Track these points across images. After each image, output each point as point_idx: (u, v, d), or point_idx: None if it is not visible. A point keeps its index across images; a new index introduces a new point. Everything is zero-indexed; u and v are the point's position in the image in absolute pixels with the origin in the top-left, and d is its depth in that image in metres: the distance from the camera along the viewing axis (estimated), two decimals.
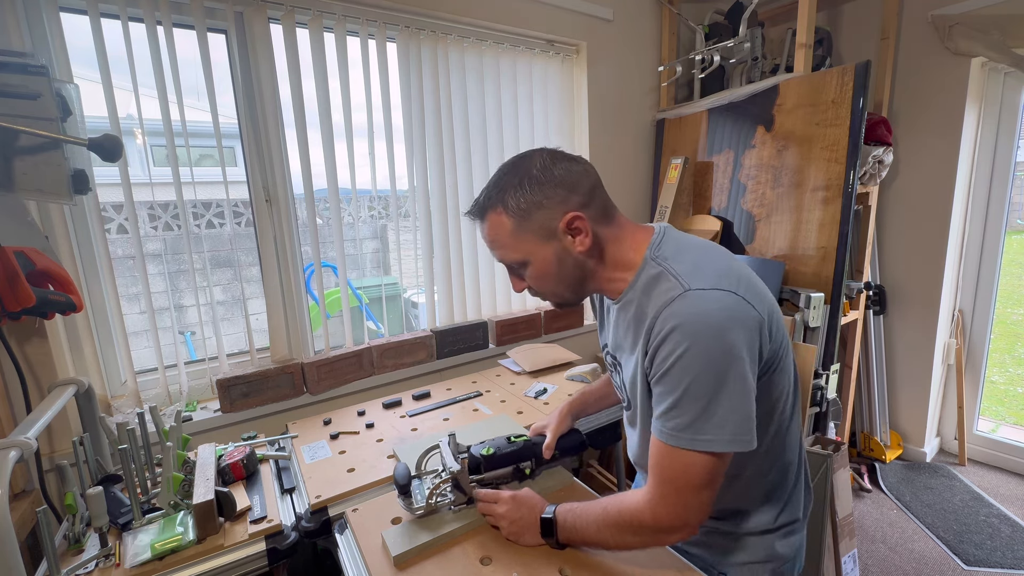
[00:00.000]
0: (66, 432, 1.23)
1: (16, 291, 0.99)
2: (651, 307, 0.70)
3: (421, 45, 1.67)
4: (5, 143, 1.00)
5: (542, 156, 0.75)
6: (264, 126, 1.46)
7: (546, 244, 0.74)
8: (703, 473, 0.67)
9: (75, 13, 1.23)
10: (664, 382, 0.68)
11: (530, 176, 0.73)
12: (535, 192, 0.73)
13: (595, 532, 0.77)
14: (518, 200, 0.73)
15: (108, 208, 3.17)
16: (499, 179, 0.76)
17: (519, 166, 0.75)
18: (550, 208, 0.73)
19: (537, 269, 0.77)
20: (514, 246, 0.76)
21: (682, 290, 0.67)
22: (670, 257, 0.74)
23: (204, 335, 1.52)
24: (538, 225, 0.74)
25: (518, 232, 0.74)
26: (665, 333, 0.66)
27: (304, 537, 0.99)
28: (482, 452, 0.96)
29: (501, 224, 0.75)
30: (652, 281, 0.73)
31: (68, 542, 0.93)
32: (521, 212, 0.73)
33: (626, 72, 2.18)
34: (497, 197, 0.75)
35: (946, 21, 2.00)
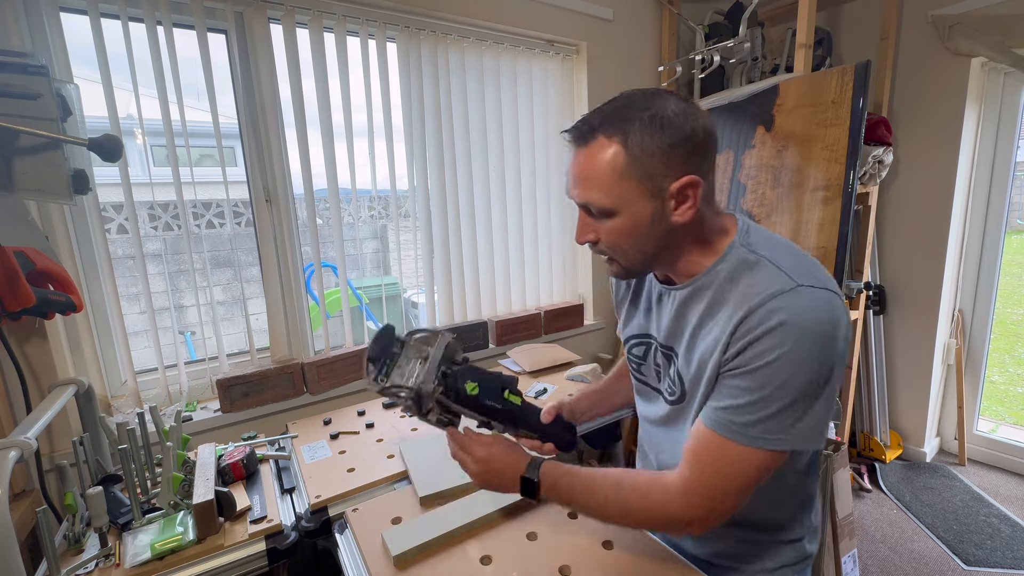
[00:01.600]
0: (66, 432, 1.23)
1: (16, 291, 0.99)
2: (744, 296, 0.63)
3: (421, 45, 1.67)
4: (5, 143, 1.00)
5: (679, 100, 0.64)
6: (264, 126, 1.46)
7: (647, 200, 0.64)
8: (759, 471, 0.62)
9: (75, 13, 1.23)
10: (751, 377, 0.61)
11: (664, 117, 0.61)
12: (665, 136, 0.61)
13: (599, 505, 0.71)
14: (643, 138, 0.61)
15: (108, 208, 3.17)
16: (625, 105, 0.64)
17: (652, 100, 0.63)
18: (672, 162, 0.62)
19: (624, 224, 0.66)
20: (611, 188, 0.64)
21: (794, 285, 0.61)
22: (764, 248, 0.67)
23: (204, 335, 1.52)
24: (650, 175, 0.63)
25: (624, 174, 0.63)
26: (769, 327, 0.59)
27: (304, 537, 0.99)
28: (467, 386, 0.80)
29: (609, 157, 0.63)
30: (744, 269, 0.66)
31: (68, 542, 0.93)
32: (640, 153, 0.62)
33: (626, 72, 2.18)
34: (618, 125, 0.63)
35: (946, 21, 2.00)
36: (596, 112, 0.66)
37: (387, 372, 0.79)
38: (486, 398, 0.81)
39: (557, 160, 2.09)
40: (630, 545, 0.83)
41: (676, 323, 0.74)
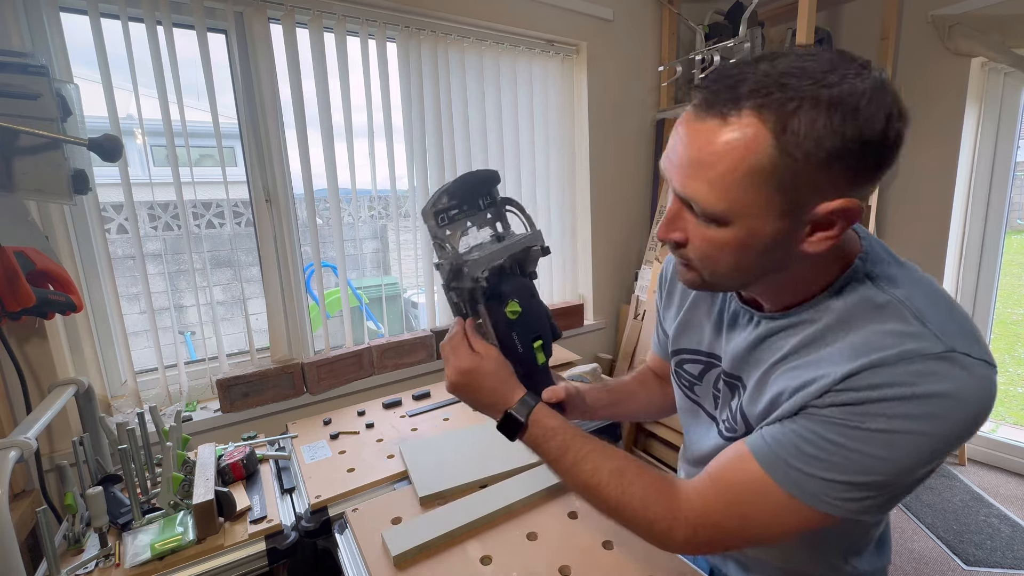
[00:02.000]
0: (66, 432, 1.23)
1: (16, 291, 0.99)
2: (866, 345, 0.48)
3: (421, 45, 1.67)
4: (5, 143, 1.00)
5: (877, 76, 0.44)
6: (264, 126, 1.46)
7: (776, 218, 0.46)
8: (798, 529, 0.52)
9: (75, 13, 1.23)
10: (846, 434, 0.47)
11: (850, 103, 0.42)
12: (841, 134, 0.42)
13: (586, 485, 0.60)
14: (809, 130, 0.42)
15: (108, 208, 3.17)
16: (795, 70, 0.43)
17: (839, 69, 0.43)
18: (834, 174, 0.44)
19: (732, 238, 0.49)
20: (733, 192, 0.46)
21: (943, 349, 0.45)
22: (895, 283, 0.51)
23: (204, 335, 1.52)
24: (796, 187, 0.44)
25: (761, 178, 0.44)
26: (902, 394, 0.45)
27: (304, 537, 0.99)
28: (509, 304, 0.66)
29: (747, 148, 0.44)
30: (867, 309, 0.50)
31: (68, 542, 0.93)
32: (795, 152, 0.43)
33: (626, 72, 2.18)
34: (777, 100, 0.43)
35: (946, 21, 2.00)
36: (748, 66, 0.46)
37: (452, 220, 0.67)
38: (515, 330, 0.68)
39: (557, 159, 2.09)
40: (631, 545, 0.82)
41: (753, 353, 0.60)
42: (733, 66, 0.47)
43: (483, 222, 0.70)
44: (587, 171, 2.14)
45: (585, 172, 2.15)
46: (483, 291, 0.66)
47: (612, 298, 2.33)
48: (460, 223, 0.68)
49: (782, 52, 0.47)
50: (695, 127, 0.47)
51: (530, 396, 0.66)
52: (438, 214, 0.66)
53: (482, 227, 0.71)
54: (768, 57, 0.46)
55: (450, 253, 0.65)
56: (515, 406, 0.65)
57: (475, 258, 0.65)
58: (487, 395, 0.66)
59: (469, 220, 0.68)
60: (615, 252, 2.30)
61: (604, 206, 2.21)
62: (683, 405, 0.75)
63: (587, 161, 2.13)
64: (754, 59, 0.47)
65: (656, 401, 0.88)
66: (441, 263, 0.67)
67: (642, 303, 2.20)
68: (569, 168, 2.14)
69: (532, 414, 0.64)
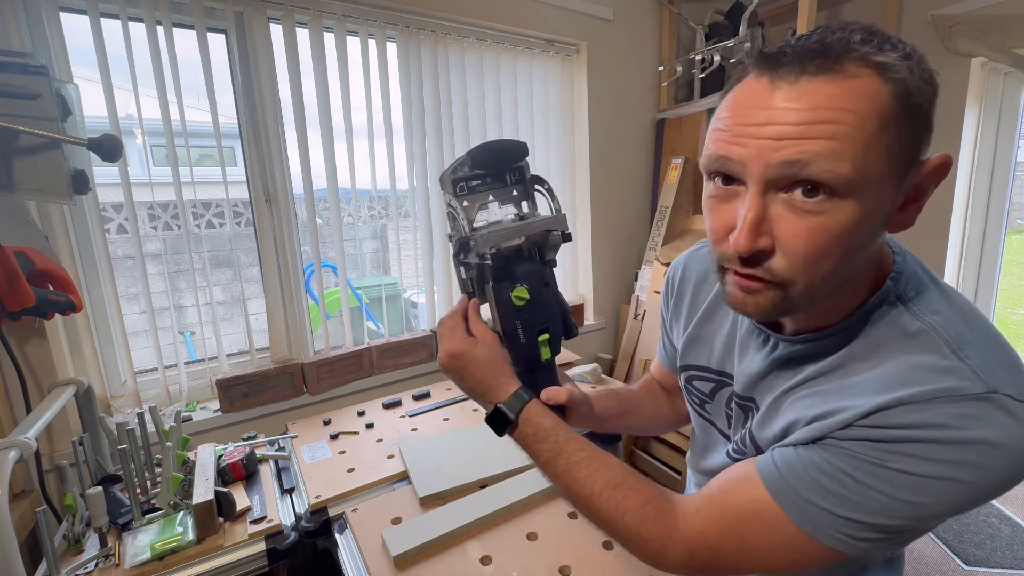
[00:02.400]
0: (66, 432, 1.23)
1: (16, 291, 0.99)
2: (896, 378, 0.43)
3: (421, 45, 1.67)
4: (5, 143, 1.00)
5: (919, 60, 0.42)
6: (264, 126, 1.46)
7: (894, 185, 0.42)
8: (806, 564, 0.48)
9: (75, 13, 1.23)
10: (873, 474, 0.42)
11: (925, 62, 0.41)
12: (933, 88, 0.41)
13: (578, 494, 0.56)
14: (918, 83, 0.40)
15: (108, 208, 3.17)
16: (862, 29, 0.41)
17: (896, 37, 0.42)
18: (927, 130, 0.42)
19: (852, 219, 0.41)
20: (863, 147, 0.39)
21: (982, 389, 0.40)
22: (931, 308, 0.46)
23: (204, 335, 1.52)
24: (912, 139, 0.41)
25: (887, 128, 0.39)
26: (925, 437, 0.40)
27: (304, 537, 0.99)
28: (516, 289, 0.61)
29: (873, 96, 0.39)
30: (897, 338, 0.45)
31: (68, 542, 0.93)
32: (914, 102, 0.40)
33: (626, 72, 2.18)
34: (887, 52, 0.40)
35: (946, 21, 2.00)
36: (828, 29, 0.42)
37: (473, 191, 0.62)
38: (519, 318, 0.62)
39: (557, 159, 2.09)
40: None
41: (768, 377, 0.55)
42: (808, 34, 0.43)
43: (507, 198, 0.64)
44: (587, 171, 2.14)
45: (585, 172, 2.15)
46: (490, 270, 0.60)
47: (612, 298, 2.33)
48: (481, 195, 0.62)
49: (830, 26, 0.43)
50: (791, 88, 0.41)
51: (525, 391, 0.61)
52: (457, 182, 0.61)
53: (505, 204, 0.64)
54: (827, 28, 0.43)
55: (459, 227, 0.60)
56: (506, 400, 0.60)
57: (485, 233, 0.59)
58: (476, 384, 0.62)
59: (492, 193, 0.63)
60: (615, 252, 2.30)
61: (604, 206, 2.21)
62: (695, 420, 0.70)
63: (587, 161, 2.13)
64: (826, 27, 0.43)
65: (664, 414, 0.82)
66: (451, 235, 0.63)
67: (642, 303, 2.20)
68: (569, 168, 2.14)
69: (524, 411, 0.59)
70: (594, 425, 0.75)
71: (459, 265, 0.65)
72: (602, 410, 0.75)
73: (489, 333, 0.63)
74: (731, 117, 0.44)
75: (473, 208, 0.62)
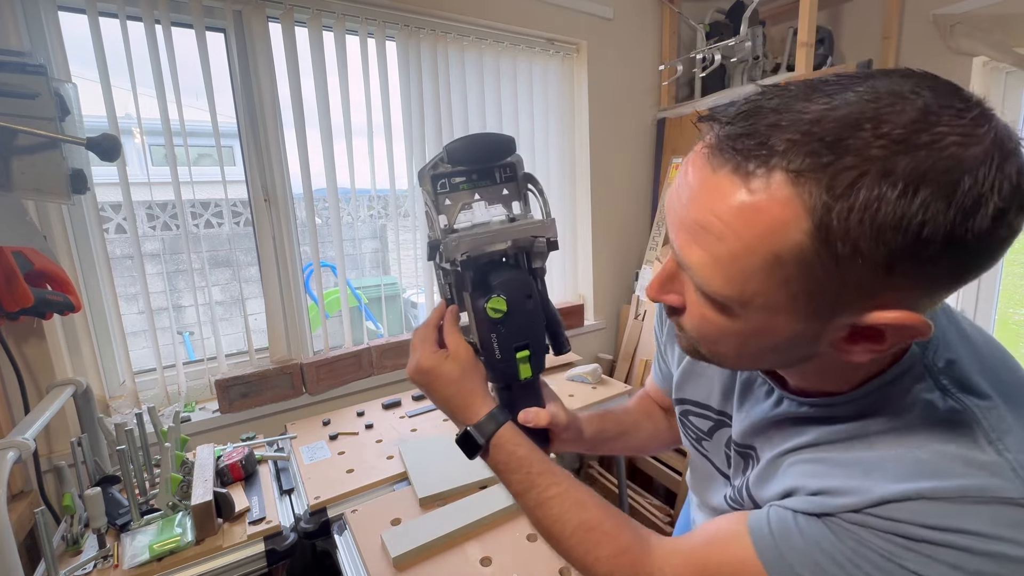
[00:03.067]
0: (64, 433, 1.23)
1: (14, 291, 0.99)
2: (916, 466, 0.37)
3: (420, 44, 1.67)
4: (3, 142, 1.00)
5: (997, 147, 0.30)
6: (263, 125, 1.45)
7: (798, 320, 0.36)
8: None
9: (73, 12, 1.22)
10: (870, 562, 0.37)
11: (946, 189, 0.29)
12: (918, 230, 0.30)
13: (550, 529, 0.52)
14: (864, 214, 0.30)
15: (106, 208, 3.17)
16: (851, 121, 0.30)
17: (927, 135, 0.29)
18: (901, 280, 0.32)
19: (740, 330, 0.39)
20: (746, 277, 0.35)
21: (1023, 493, 0.34)
22: (968, 381, 0.39)
23: (203, 335, 1.52)
24: (836, 288, 0.33)
25: (789, 269, 0.33)
26: (944, 541, 0.34)
27: (303, 538, 0.98)
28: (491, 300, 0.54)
29: (775, 228, 0.32)
30: (923, 417, 0.39)
31: (66, 543, 0.93)
32: (841, 245, 0.31)
33: (626, 71, 2.18)
34: (820, 166, 0.30)
35: (948, 20, 2.00)
36: (793, 99, 0.33)
37: (455, 188, 0.56)
38: (495, 332, 0.56)
39: (557, 158, 2.09)
40: None
41: (770, 431, 0.49)
42: (774, 93, 0.34)
43: (497, 198, 0.58)
44: (587, 170, 2.13)
45: (585, 171, 2.14)
46: (467, 278, 0.55)
47: (612, 298, 2.33)
48: (464, 193, 0.56)
49: (860, 77, 0.32)
50: (706, 176, 0.35)
51: (499, 413, 0.56)
52: (437, 179, 0.55)
53: (494, 204, 0.59)
54: (832, 85, 0.32)
55: (434, 229, 0.54)
56: (476, 423, 0.55)
57: (457, 237, 0.53)
58: (445, 403, 0.58)
59: (478, 192, 0.57)
60: (615, 252, 2.29)
61: (604, 206, 2.20)
62: (692, 452, 0.65)
63: (587, 160, 2.12)
64: (810, 85, 0.33)
65: (663, 436, 0.77)
66: (428, 239, 0.57)
67: (642, 303, 2.19)
68: (569, 167, 2.14)
69: (495, 437, 0.54)
70: (586, 448, 0.71)
71: (437, 269, 0.61)
72: (595, 433, 0.70)
73: (463, 346, 0.58)
74: (679, 172, 0.39)
75: (455, 208, 0.56)
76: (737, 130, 0.34)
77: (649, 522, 1.82)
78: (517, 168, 0.59)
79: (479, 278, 0.56)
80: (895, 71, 0.33)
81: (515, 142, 0.57)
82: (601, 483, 2.04)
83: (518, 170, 0.59)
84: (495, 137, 0.56)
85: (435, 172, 0.55)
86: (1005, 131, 0.31)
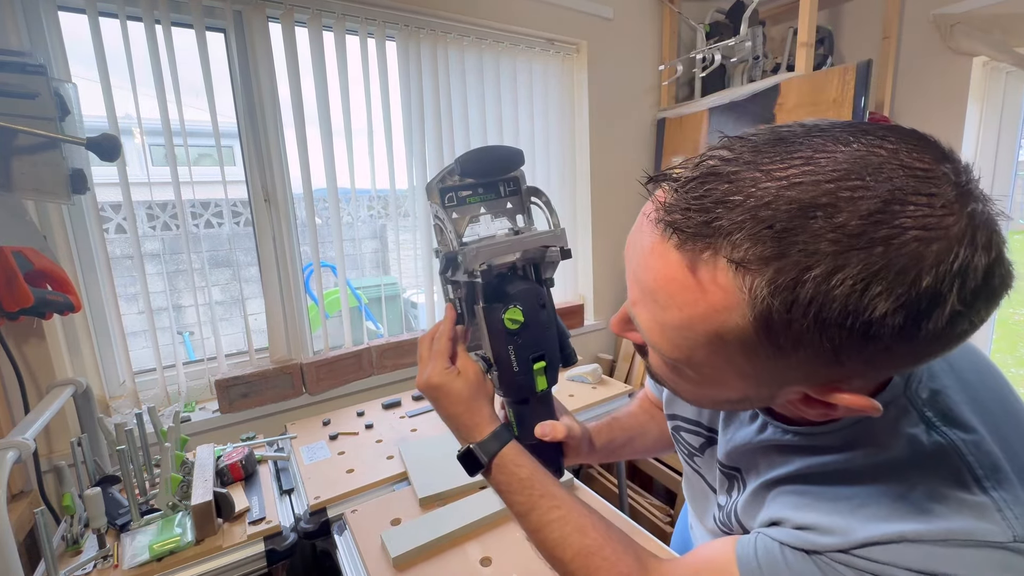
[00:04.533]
0: (64, 433, 1.23)
1: (14, 291, 0.99)
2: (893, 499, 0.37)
3: (420, 44, 1.67)
4: (3, 142, 1.00)
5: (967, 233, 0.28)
6: (263, 125, 1.45)
7: (748, 385, 0.37)
8: None
9: (73, 12, 1.22)
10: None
11: (904, 284, 0.27)
12: (866, 327, 0.28)
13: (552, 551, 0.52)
14: (810, 313, 0.29)
15: (106, 208, 3.17)
16: (805, 207, 0.28)
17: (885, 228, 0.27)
18: (852, 369, 0.32)
19: (696, 381, 0.40)
20: (691, 347, 0.36)
21: (1009, 537, 0.33)
22: (953, 413, 0.38)
23: (203, 335, 1.52)
24: (781, 372, 0.34)
25: (731, 351, 0.34)
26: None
27: (303, 538, 0.98)
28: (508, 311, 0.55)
29: (710, 307, 0.33)
30: (906, 454, 0.38)
31: (66, 543, 0.93)
32: (782, 337, 0.31)
33: (626, 71, 2.18)
34: (763, 259, 0.29)
35: (948, 20, 2.00)
36: (738, 174, 0.31)
37: (462, 202, 0.57)
38: (512, 343, 0.55)
39: (557, 158, 2.09)
40: None
41: (755, 457, 0.49)
42: (735, 153, 0.32)
43: (501, 211, 0.59)
44: (587, 170, 2.13)
45: (585, 171, 2.14)
46: (481, 288, 0.55)
47: (612, 298, 2.33)
48: (472, 207, 0.57)
49: (821, 137, 0.30)
50: (655, 242, 0.34)
51: (503, 433, 0.56)
52: (445, 192, 0.56)
53: (498, 217, 0.60)
54: (793, 147, 0.30)
55: (447, 242, 0.55)
56: (481, 441, 0.55)
57: (475, 247, 0.53)
58: (451, 420, 0.58)
59: (483, 205, 0.58)
60: (615, 252, 2.29)
61: (604, 206, 2.20)
62: (685, 470, 0.66)
63: (587, 160, 2.12)
64: (770, 141, 0.31)
65: (668, 436, 0.76)
66: (439, 249, 0.58)
67: None
68: (569, 167, 2.14)
69: (498, 457, 0.55)
70: (597, 459, 0.71)
71: (446, 284, 0.60)
72: (605, 443, 0.70)
73: (471, 365, 0.58)
74: (636, 222, 0.39)
75: (463, 221, 0.57)
76: (686, 202, 0.32)
77: (649, 522, 1.83)
78: (520, 182, 0.60)
79: (492, 290, 0.56)
80: (877, 129, 0.31)
81: (523, 155, 0.58)
82: (601, 483, 2.04)
83: (521, 183, 0.60)
84: (506, 150, 0.57)
85: (443, 186, 0.56)
86: (981, 219, 0.28)
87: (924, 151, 0.29)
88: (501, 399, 0.62)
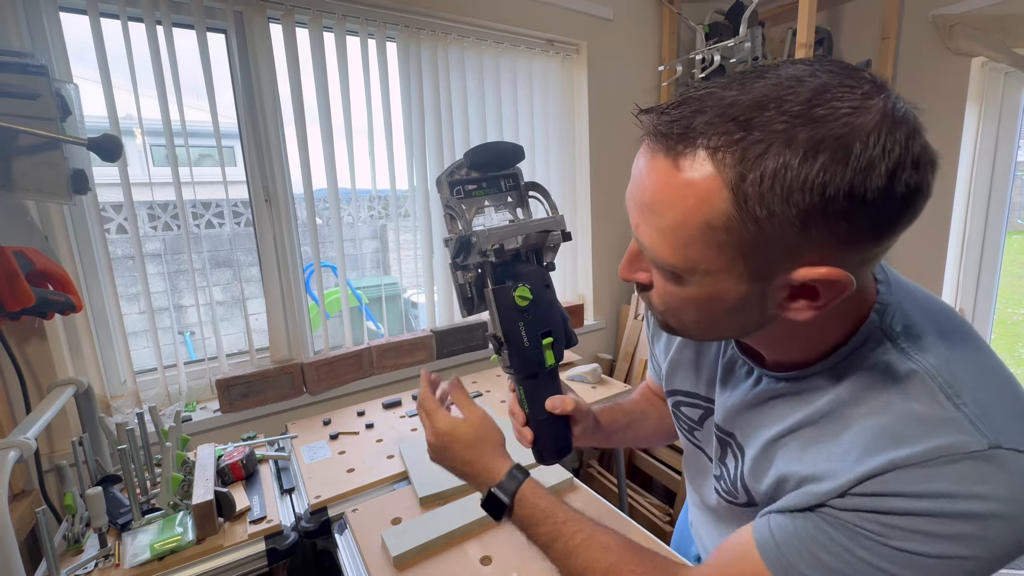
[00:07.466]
0: (65, 432, 1.23)
1: (15, 291, 0.99)
2: (883, 433, 0.40)
3: (421, 44, 1.67)
4: (4, 143, 1.00)
5: (885, 106, 0.34)
6: (264, 126, 1.45)
7: (739, 281, 0.40)
8: None
9: (75, 13, 1.22)
10: (874, 551, 0.39)
11: (840, 154, 0.33)
12: (821, 185, 0.33)
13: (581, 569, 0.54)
14: (776, 181, 0.34)
15: (107, 208, 3.17)
16: (768, 97, 0.35)
17: (825, 96, 0.34)
18: (818, 238, 0.36)
19: (695, 297, 0.43)
20: (687, 248, 0.39)
21: (984, 445, 0.37)
22: (923, 341, 0.42)
23: (203, 335, 1.52)
24: (763, 250, 0.37)
25: (718, 237, 0.38)
26: (923, 510, 0.37)
27: (303, 537, 0.99)
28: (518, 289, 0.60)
29: (700, 199, 0.37)
30: (884, 382, 0.42)
31: (67, 542, 0.93)
32: (759, 209, 0.35)
33: (626, 71, 2.18)
34: (739, 138, 0.35)
35: (946, 21, 2.00)
36: (716, 88, 0.38)
37: (469, 195, 0.62)
38: (523, 320, 0.60)
39: (557, 159, 2.09)
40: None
41: (752, 415, 0.52)
42: (704, 85, 0.39)
43: (502, 204, 0.65)
44: (587, 170, 2.14)
45: (585, 171, 2.15)
46: (491, 268, 0.60)
47: (612, 298, 2.33)
48: (477, 199, 0.63)
49: (770, 67, 0.37)
50: (647, 162, 0.41)
51: (518, 470, 0.59)
52: (453, 185, 0.62)
53: (500, 209, 0.66)
54: (748, 76, 0.37)
55: (463, 224, 0.60)
56: (500, 482, 0.58)
57: (487, 230, 0.59)
58: (465, 468, 0.60)
59: (488, 198, 0.64)
60: (615, 252, 2.29)
61: (604, 206, 2.21)
62: (685, 444, 0.68)
63: (587, 160, 2.12)
64: (731, 77, 0.38)
65: (668, 424, 0.78)
66: (450, 237, 0.62)
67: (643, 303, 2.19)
68: (569, 167, 2.14)
69: (519, 492, 0.57)
70: (600, 440, 0.73)
71: (456, 270, 0.64)
72: (608, 423, 0.73)
73: (476, 410, 0.63)
74: (634, 163, 0.44)
75: (470, 212, 0.62)
76: (668, 118, 0.39)
77: (649, 522, 1.83)
78: (518, 177, 0.67)
79: (502, 272, 0.61)
80: (802, 60, 0.38)
81: (524, 150, 0.66)
82: (600, 482, 2.04)
83: (519, 179, 0.67)
84: (510, 145, 0.65)
85: (451, 179, 0.63)
86: (894, 102, 0.35)
87: (841, 64, 0.37)
88: (510, 381, 0.66)
